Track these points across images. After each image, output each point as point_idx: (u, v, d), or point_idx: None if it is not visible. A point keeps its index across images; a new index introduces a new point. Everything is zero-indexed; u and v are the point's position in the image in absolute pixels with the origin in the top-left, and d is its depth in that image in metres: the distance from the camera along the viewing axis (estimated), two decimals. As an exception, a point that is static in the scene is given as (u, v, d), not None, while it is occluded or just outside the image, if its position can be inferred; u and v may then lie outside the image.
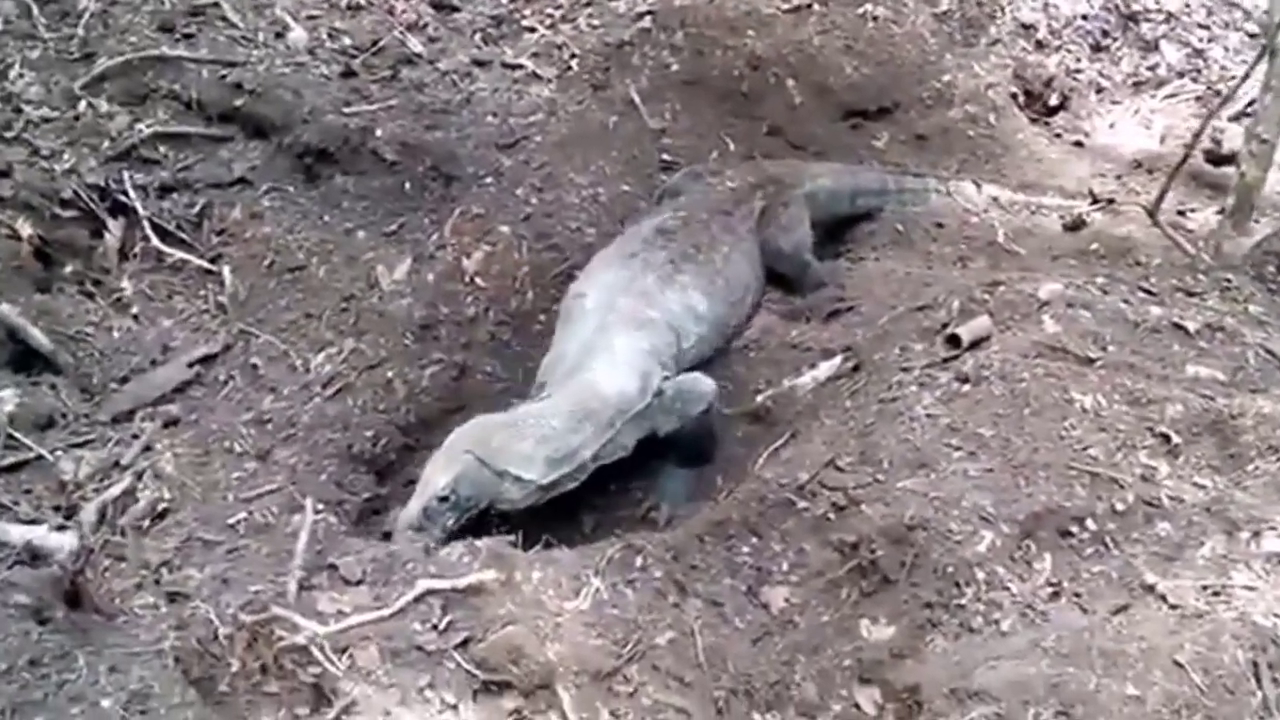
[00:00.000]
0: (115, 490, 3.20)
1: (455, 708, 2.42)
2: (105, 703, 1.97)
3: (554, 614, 2.62)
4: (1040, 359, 3.07)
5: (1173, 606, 2.44)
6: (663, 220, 3.80)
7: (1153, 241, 3.91)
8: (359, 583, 2.63)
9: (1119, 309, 3.20)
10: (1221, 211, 3.76)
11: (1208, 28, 5.59)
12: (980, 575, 2.65)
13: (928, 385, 3.15)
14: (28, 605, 2.28)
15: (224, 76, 4.47)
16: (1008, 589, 2.62)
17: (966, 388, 3.07)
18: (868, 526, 2.82)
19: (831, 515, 2.92)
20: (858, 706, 2.63)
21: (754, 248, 3.89)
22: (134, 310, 3.99)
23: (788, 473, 3.05)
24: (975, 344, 3.23)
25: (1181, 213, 4.39)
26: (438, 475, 3.05)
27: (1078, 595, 2.54)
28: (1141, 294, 3.26)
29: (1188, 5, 5.71)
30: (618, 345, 3.37)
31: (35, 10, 4.59)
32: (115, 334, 3.85)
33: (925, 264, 4.08)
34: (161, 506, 3.16)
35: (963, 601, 2.63)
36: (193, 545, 2.85)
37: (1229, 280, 3.37)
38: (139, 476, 3.28)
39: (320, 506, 3.07)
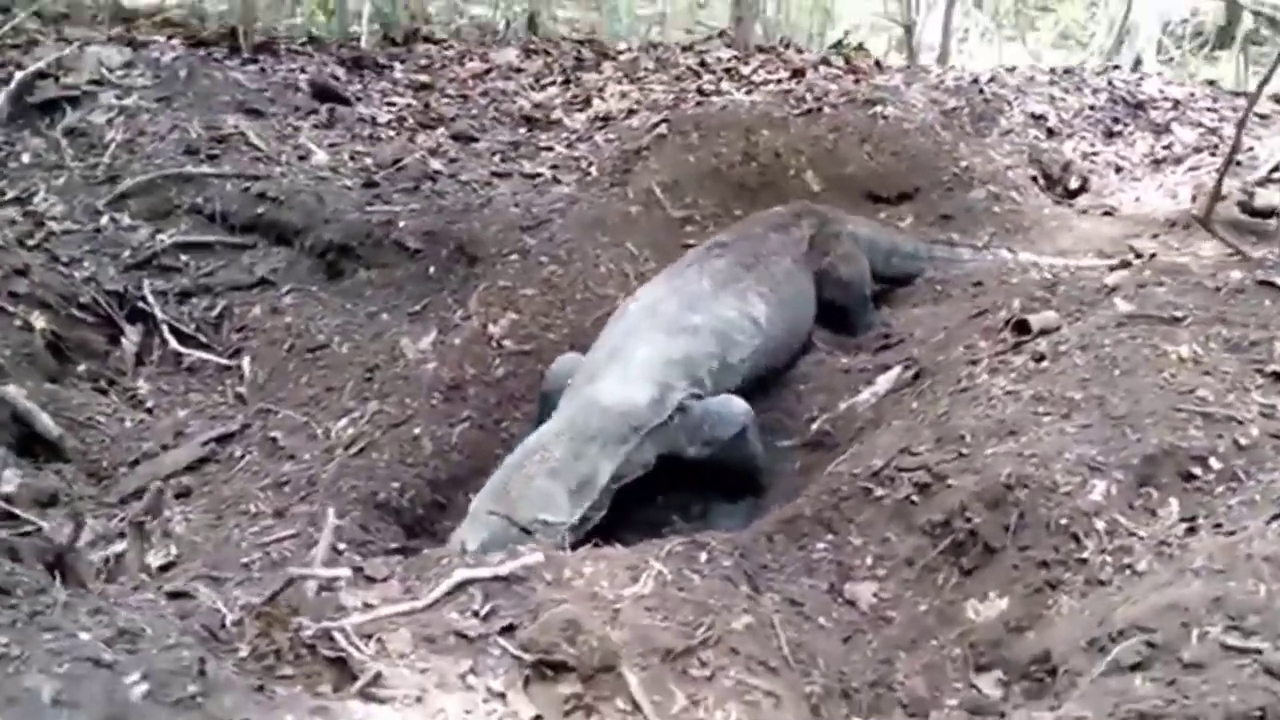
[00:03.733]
0: (117, 548, 2.89)
1: (503, 696, 2.02)
2: (84, 635, 1.63)
3: (611, 601, 2.26)
4: (1121, 328, 2.82)
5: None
6: (717, 237, 3.64)
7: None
8: (387, 579, 2.29)
9: (1196, 280, 2.98)
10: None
11: (1215, 110, 5.65)
12: (1100, 525, 2.30)
13: (1001, 370, 2.89)
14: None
15: (247, 189, 4.48)
16: (1135, 535, 2.26)
17: (1045, 364, 2.81)
18: (958, 498, 2.49)
19: (915, 498, 2.59)
20: (978, 692, 2.21)
21: (808, 272, 3.70)
22: (148, 405, 3.80)
23: (859, 464, 2.74)
24: (1044, 333, 2.98)
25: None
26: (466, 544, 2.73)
27: (1218, 526, 2.18)
28: (1218, 268, 3.03)
29: (1193, 94, 5.79)
30: (639, 355, 3.12)
31: (63, 143, 4.68)
32: (127, 423, 3.64)
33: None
34: (168, 560, 2.84)
35: (1084, 555, 2.27)
36: (200, 574, 2.51)
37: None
38: (146, 537, 2.97)
39: (343, 545, 2.76)
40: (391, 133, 5.29)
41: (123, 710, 1.52)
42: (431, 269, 4.14)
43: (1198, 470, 2.35)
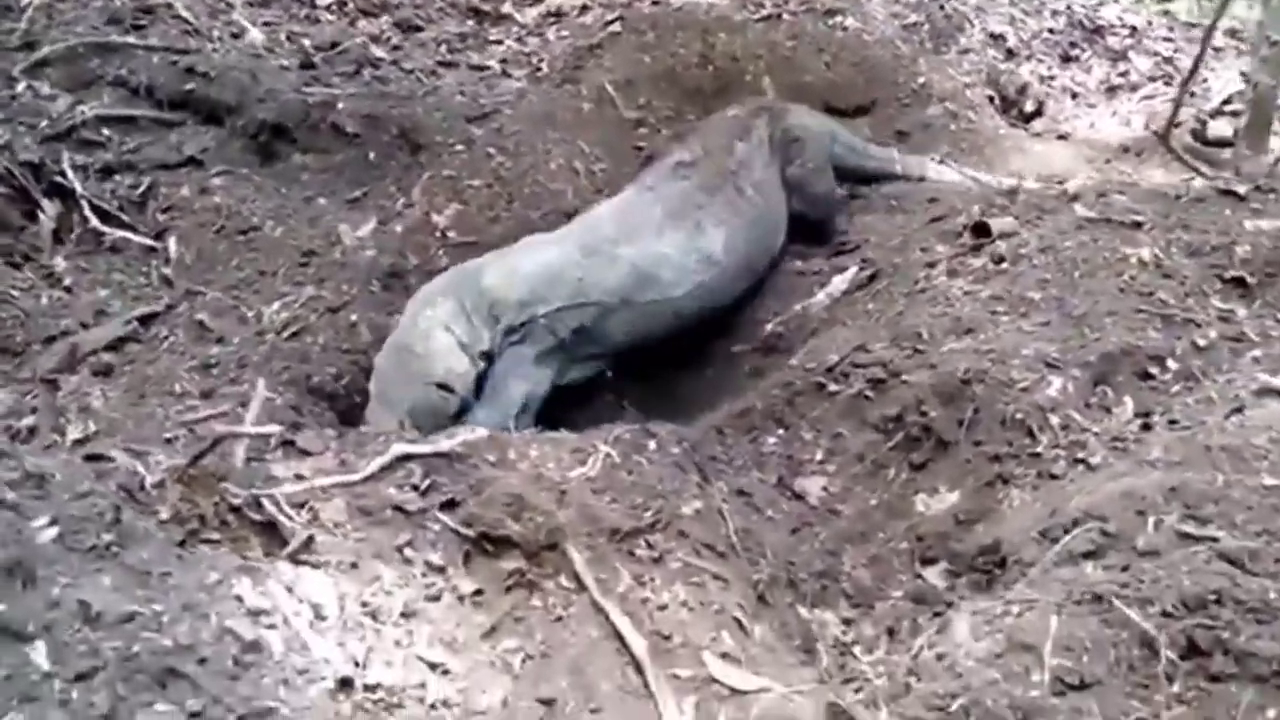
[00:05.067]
0: (28, 421, 2.73)
1: (442, 570, 1.94)
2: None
3: (558, 482, 2.18)
4: (1081, 231, 2.78)
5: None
6: (681, 155, 3.50)
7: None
8: (322, 453, 2.17)
9: (1159, 190, 2.94)
10: (1236, 132, 3.58)
11: (1171, 40, 5.63)
12: (1055, 421, 2.27)
13: (960, 272, 2.84)
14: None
15: (175, 63, 4.22)
16: (1090, 430, 2.23)
17: (1004, 265, 2.77)
18: (913, 394, 2.45)
19: (869, 393, 2.54)
20: (924, 583, 2.19)
21: (778, 183, 3.57)
22: (66, 282, 3.59)
23: (812, 360, 2.68)
24: (1004, 237, 2.93)
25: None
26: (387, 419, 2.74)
27: (1173, 423, 2.16)
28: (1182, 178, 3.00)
29: (1150, 23, 5.76)
30: (529, 257, 3.12)
31: (-26, 7, 4.35)
32: (43, 300, 3.43)
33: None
34: (85, 435, 2.69)
35: (1038, 450, 2.24)
36: (119, 445, 2.36)
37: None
38: (60, 414, 2.81)
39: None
40: (331, 16, 5.02)
41: (29, 553, 1.40)
42: (372, 155, 3.95)
43: (1155, 370, 2.33)
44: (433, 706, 1.67)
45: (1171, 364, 2.33)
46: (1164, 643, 1.63)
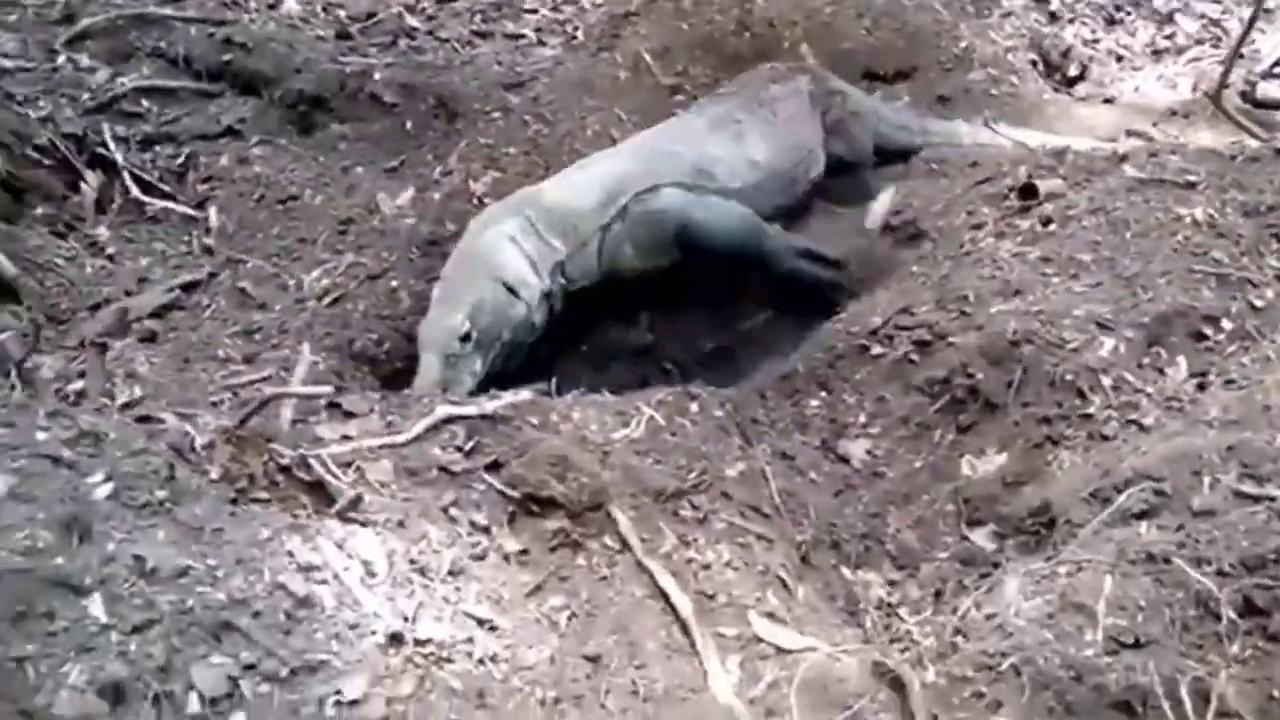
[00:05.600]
0: (77, 385, 2.76)
1: (487, 530, 1.94)
2: (41, 435, 1.51)
3: (601, 444, 2.17)
4: (1132, 192, 2.72)
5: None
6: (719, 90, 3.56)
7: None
8: (368, 414, 2.18)
9: (1211, 150, 2.87)
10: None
11: (1219, 1, 5.49)
12: (1107, 382, 2.23)
13: (1007, 234, 2.79)
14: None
15: (212, 35, 4.23)
16: (1143, 391, 2.19)
17: (1053, 227, 2.71)
18: (959, 356, 2.41)
19: (915, 356, 2.51)
20: (970, 544, 2.16)
21: (816, 120, 3.59)
22: (109, 251, 3.62)
23: (856, 323, 2.65)
24: (1052, 199, 2.88)
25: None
26: (449, 313, 2.73)
27: (1230, 383, 2.12)
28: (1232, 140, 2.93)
29: (1197, -17, 5.62)
30: (597, 166, 3.17)
31: (15, -21, 4.38)
32: (88, 269, 3.47)
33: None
34: (132, 399, 2.71)
35: (1089, 411, 2.21)
36: (167, 408, 2.38)
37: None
38: (108, 378, 2.84)
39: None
40: (366, -14, 5.01)
41: (85, 509, 1.41)
42: (409, 124, 3.94)
43: (1209, 330, 2.29)
44: (481, 661, 1.67)
45: (1226, 324, 2.28)
46: (1222, 601, 1.60)
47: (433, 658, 1.63)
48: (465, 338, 2.73)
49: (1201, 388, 2.15)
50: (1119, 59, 5.20)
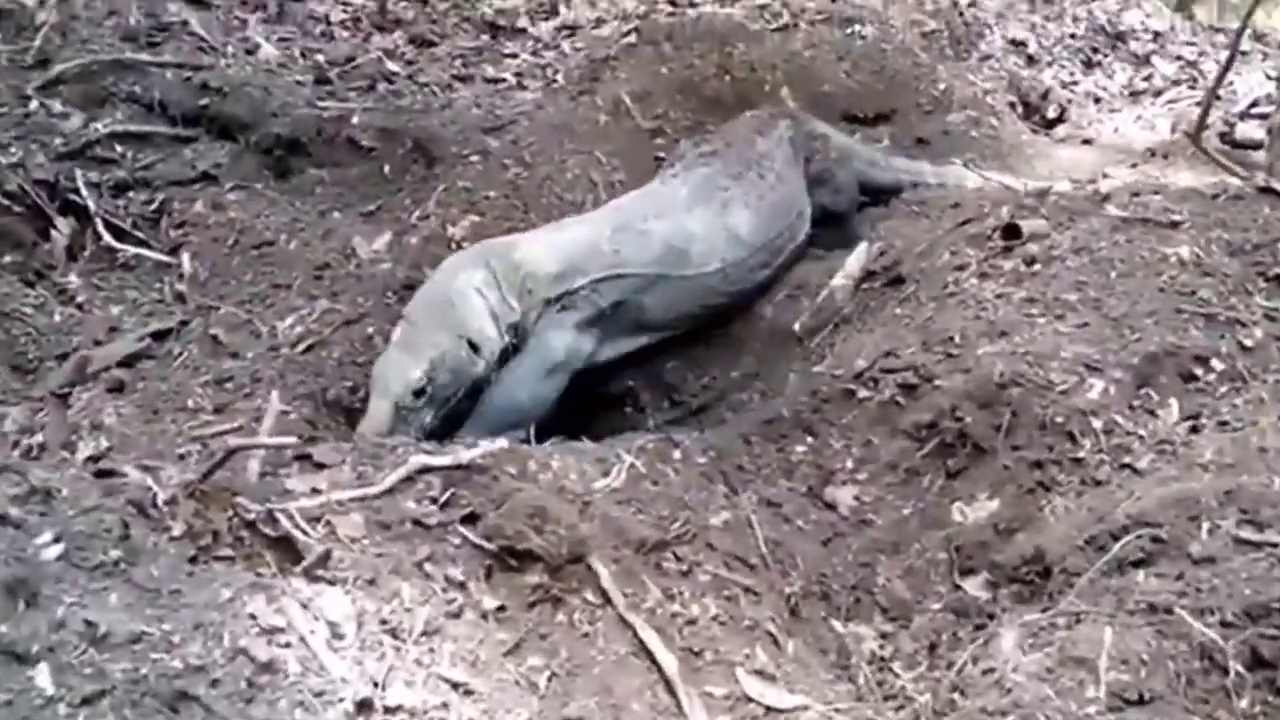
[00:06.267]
0: (38, 438, 2.67)
1: (463, 585, 1.86)
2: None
3: (581, 494, 2.10)
4: (1116, 232, 2.69)
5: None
6: (703, 146, 3.49)
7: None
8: (338, 465, 2.10)
9: (1194, 190, 2.86)
10: (1270, 131, 3.49)
11: (1194, 44, 5.55)
12: (1097, 424, 2.18)
13: (990, 275, 2.76)
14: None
15: (188, 79, 4.19)
16: (1135, 434, 2.14)
17: (1037, 267, 2.68)
18: (947, 399, 2.36)
19: (900, 399, 2.45)
20: (963, 594, 2.10)
21: (800, 176, 3.54)
22: (79, 300, 3.55)
23: (840, 366, 2.60)
24: (1035, 239, 2.85)
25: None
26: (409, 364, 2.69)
27: (1223, 425, 2.07)
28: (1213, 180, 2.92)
29: (1173, 27, 5.69)
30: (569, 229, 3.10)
31: (-12, 25, 4.34)
32: (56, 317, 3.40)
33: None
34: (98, 452, 2.63)
35: (1080, 455, 2.15)
36: (131, 461, 2.30)
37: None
38: (72, 430, 2.76)
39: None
40: (345, 32, 5.01)
41: (33, 572, 1.33)
42: (386, 169, 3.90)
43: (1200, 371, 2.25)
44: (455, 728, 1.59)
45: (1217, 364, 2.24)
46: (1228, 654, 1.54)
47: (404, 725, 1.55)
48: (419, 392, 2.68)
49: (1194, 430, 2.11)
50: (1097, 101, 5.25)
